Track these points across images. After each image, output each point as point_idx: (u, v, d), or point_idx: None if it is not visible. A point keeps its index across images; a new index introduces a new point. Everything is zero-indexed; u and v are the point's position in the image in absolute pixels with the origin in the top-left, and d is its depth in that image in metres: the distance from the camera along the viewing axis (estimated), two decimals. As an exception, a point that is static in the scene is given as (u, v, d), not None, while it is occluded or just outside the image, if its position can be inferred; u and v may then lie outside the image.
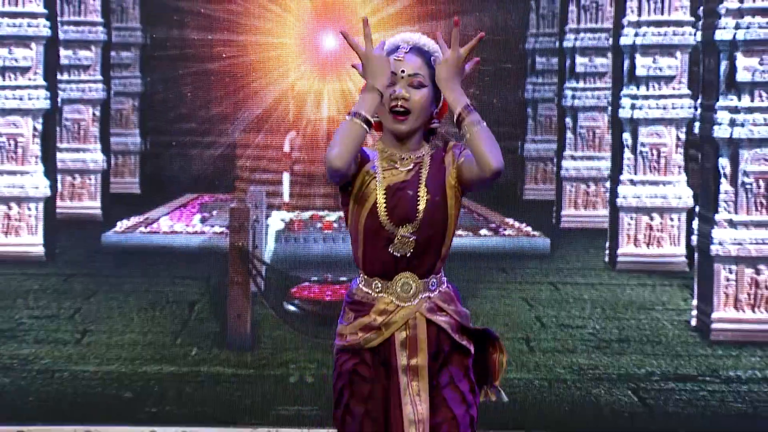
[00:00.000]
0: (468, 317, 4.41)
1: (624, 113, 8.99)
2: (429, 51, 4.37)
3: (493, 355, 4.41)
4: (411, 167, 4.32)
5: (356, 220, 4.32)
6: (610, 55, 9.28)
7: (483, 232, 9.22)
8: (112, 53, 9.08)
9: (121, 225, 9.15)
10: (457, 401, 4.33)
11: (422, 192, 4.27)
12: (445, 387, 4.34)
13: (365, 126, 4.18)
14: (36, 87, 8.68)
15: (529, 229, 9.27)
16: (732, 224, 8.27)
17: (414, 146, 4.33)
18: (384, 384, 4.36)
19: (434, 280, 4.33)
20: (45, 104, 8.71)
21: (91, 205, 9.14)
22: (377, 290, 4.28)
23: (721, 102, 8.27)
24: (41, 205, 8.73)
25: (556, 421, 7.81)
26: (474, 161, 4.20)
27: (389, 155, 4.34)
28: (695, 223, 8.70)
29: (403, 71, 4.26)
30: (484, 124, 4.21)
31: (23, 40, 8.62)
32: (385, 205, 4.28)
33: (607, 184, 9.37)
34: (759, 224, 8.27)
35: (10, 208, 8.71)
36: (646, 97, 8.96)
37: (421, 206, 4.25)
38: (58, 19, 8.89)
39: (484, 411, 6.48)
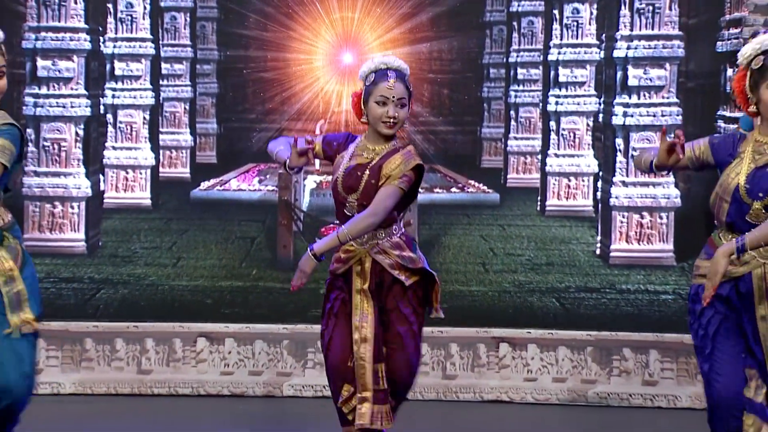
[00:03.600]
0: (413, 261, 4.84)
1: (551, 108, 9.44)
2: (405, 73, 4.85)
3: (435, 286, 4.92)
4: (371, 156, 4.86)
5: (332, 188, 4.93)
6: (541, 67, 9.54)
7: (453, 189, 9.53)
8: (197, 66, 9.48)
9: (204, 185, 9.49)
10: (400, 320, 4.83)
11: (366, 174, 4.84)
12: (392, 311, 4.85)
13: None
14: (144, 89, 9.28)
15: (485, 187, 9.65)
16: (624, 184, 8.84)
17: (387, 141, 4.83)
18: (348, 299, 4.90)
19: (383, 233, 4.82)
20: (150, 101, 9.26)
21: (183, 171, 9.54)
22: None
23: (618, 100, 8.81)
24: (149, 172, 9.27)
25: (504, 320, 8.40)
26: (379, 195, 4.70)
27: (363, 146, 4.87)
28: (599, 184, 9.13)
29: (394, 96, 4.77)
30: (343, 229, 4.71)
31: (136, 57, 9.27)
32: (341, 179, 4.84)
33: (539, 157, 9.55)
34: (643, 184, 8.81)
35: (127, 173, 9.28)
36: (566, 97, 9.45)
37: (363, 183, 4.82)
38: (160, 42, 9.36)
39: (454, 316, 7.69)
